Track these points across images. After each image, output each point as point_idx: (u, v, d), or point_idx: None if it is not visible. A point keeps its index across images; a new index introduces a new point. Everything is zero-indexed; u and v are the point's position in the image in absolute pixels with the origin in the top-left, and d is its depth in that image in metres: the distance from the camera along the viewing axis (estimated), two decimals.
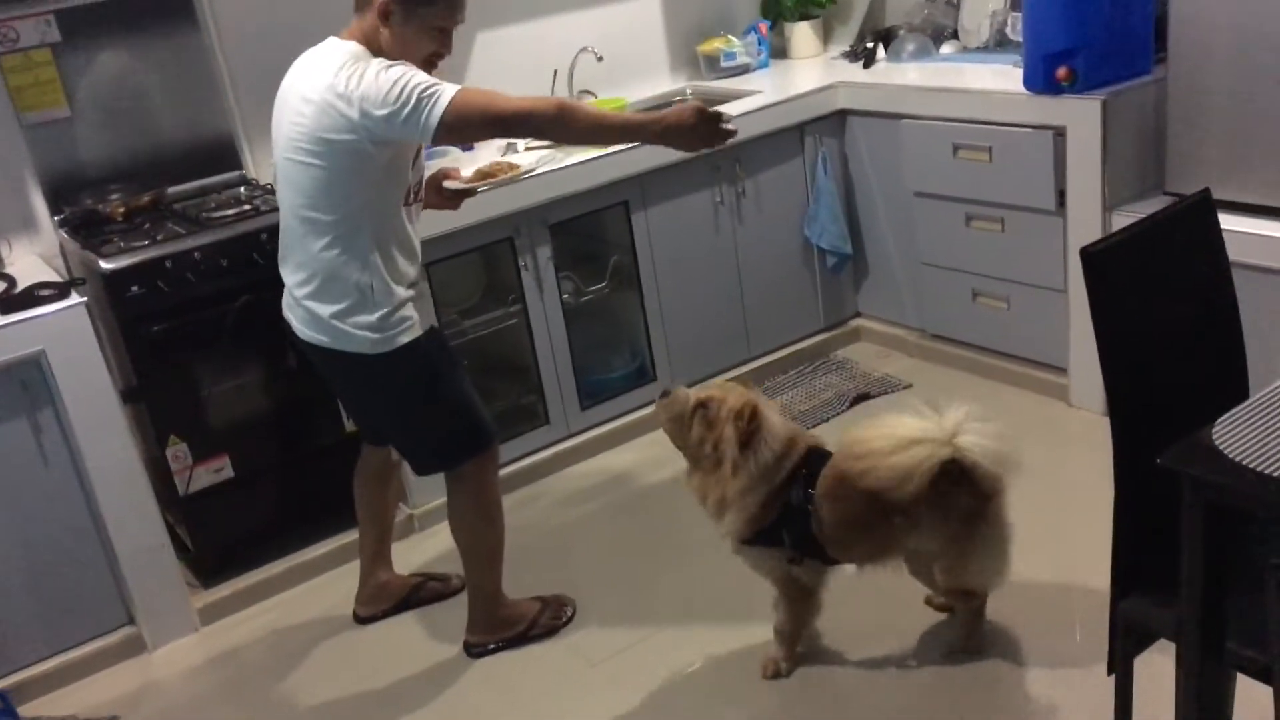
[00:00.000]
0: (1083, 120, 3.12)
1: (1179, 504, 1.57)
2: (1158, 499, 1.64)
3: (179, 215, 3.22)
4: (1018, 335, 3.60)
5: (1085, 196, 3.19)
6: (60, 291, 2.81)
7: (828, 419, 3.65)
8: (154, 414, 3.02)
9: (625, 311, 3.79)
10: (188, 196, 3.38)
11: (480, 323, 3.54)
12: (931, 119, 3.56)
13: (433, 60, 2.44)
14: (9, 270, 3.01)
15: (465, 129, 2.34)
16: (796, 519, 2.39)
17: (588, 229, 3.66)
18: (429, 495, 3.30)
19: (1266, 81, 2.75)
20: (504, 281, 3.56)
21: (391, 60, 2.33)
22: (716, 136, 2.51)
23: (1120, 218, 3.11)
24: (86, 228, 3.16)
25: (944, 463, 2.20)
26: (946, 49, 3.93)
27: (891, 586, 2.52)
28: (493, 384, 3.66)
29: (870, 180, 3.94)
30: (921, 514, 2.29)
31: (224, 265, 3.00)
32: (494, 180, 2.94)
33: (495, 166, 3.10)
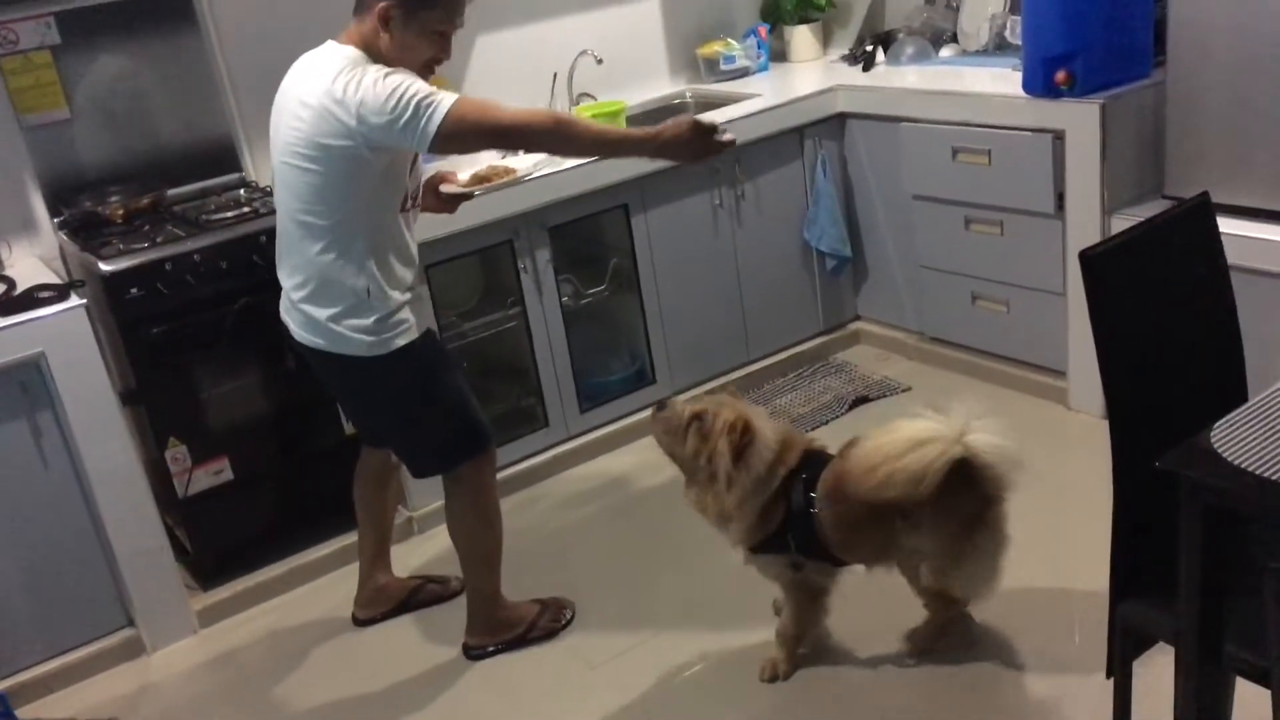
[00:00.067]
0: (1082, 124, 3.12)
1: (1178, 507, 1.58)
2: (1156, 502, 1.64)
3: (178, 217, 3.22)
4: (1017, 338, 3.60)
5: (1084, 200, 3.19)
6: (60, 293, 2.81)
7: (827, 422, 3.65)
8: (153, 416, 3.02)
9: (625, 314, 3.79)
10: (187, 199, 3.38)
11: (480, 325, 3.54)
12: (931, 122, 3.56)
13: (432, 64, 2.44)
14: (8, 272, 3.01)
15: (462, 139, 2.34)
16: (800, 523, 2.39)
17: (587, 232, 3.66)
18: (428, 498, 3.30)
19: (1265, 85, 2.75)
20: (503, 284, 3.56)
21: (390, 65, 2.34)
22: (713, 148, 2.52)
23: (1119, 221, 3.11)
24: (86, 230, 3.16)
25: (952, 463, 2.19)
26: (946, 52, 3.94)
27: (891, 587, 2.52)
28: (492, 386, 3.67)
29: (869, 183, 3.95)
30: (924, 514, 2.28)
31: (223, 267, 3.00)
32: (490, 184, 2.94)
33: (492, 170, 3.09)
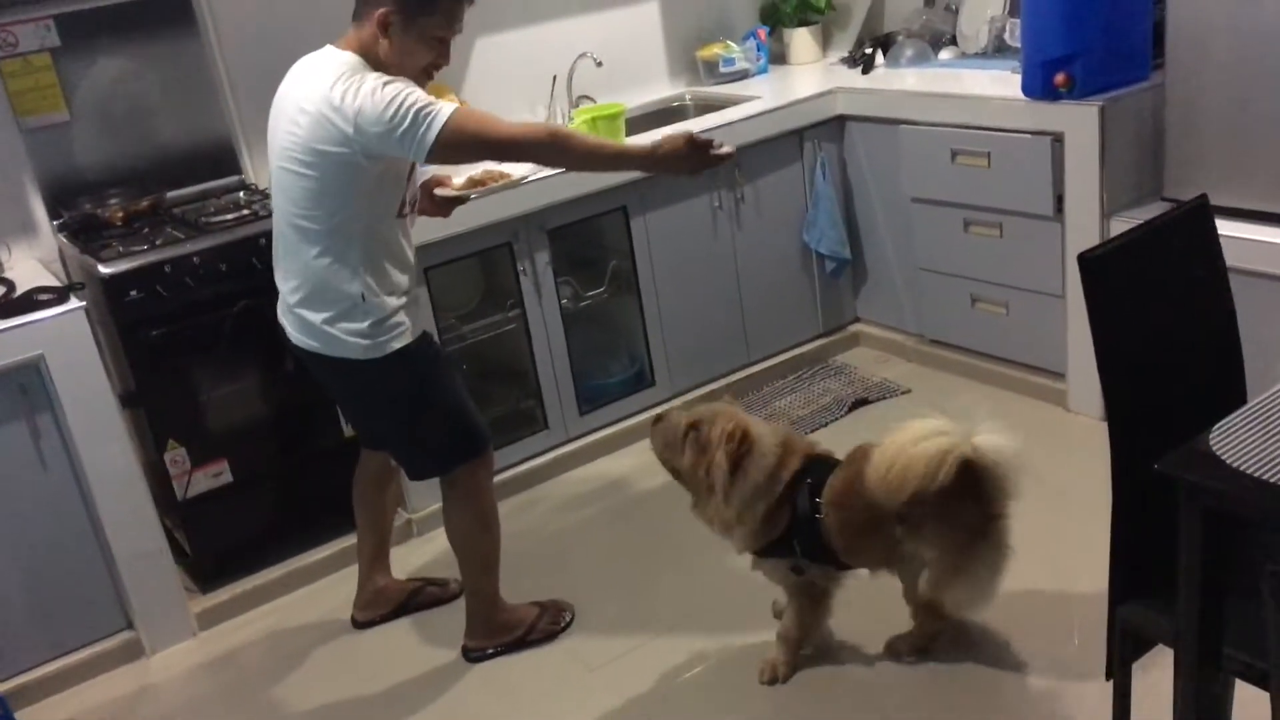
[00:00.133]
0: (1081, 126, 3.12)
1: (1177, 510, 1.57)
2: (1156, 504, 1.64)
3: (178, 220, 3.22)
4: (1016, 340, 3.60)
5: (1083, 202, 3.19)
6: (59, 296, 2.81)
7: (826, 424, 3.65)
8: (152, 418, 3.02)
9: (624, 316, 3.79)
10: (187, 201, 3.38)
11: (479, 328, 3.54)
12: (930, 125, 3.56)
13: (431, 70, 2.44)
14: (8, 275, 3.01)
15: (459, 150, 2.34)
16: (805, 528, 2.40)
17: (586, 234, 3.66)
18: (428, 500, 3.29)
19: (1264, 87, 2.75)
20: (503, 286, 3.56)
21: (389, 71, 2.34)
22: (709, 161, 2.53)
23: (1118, 223, 3.11)
24: (85, 232, 3.16)
25: (962, 461, 2.20)
26: (945, 55, 3.94)
27: (892, 589, 2.52)
28: (491, 389, 3.67)
29: (869, 186, 3.95)
30: (928, 522, 2.29)
31: (223, 270, 3.00)
32: (485, 187, 2.94)
33: (487, 174, 3.10)
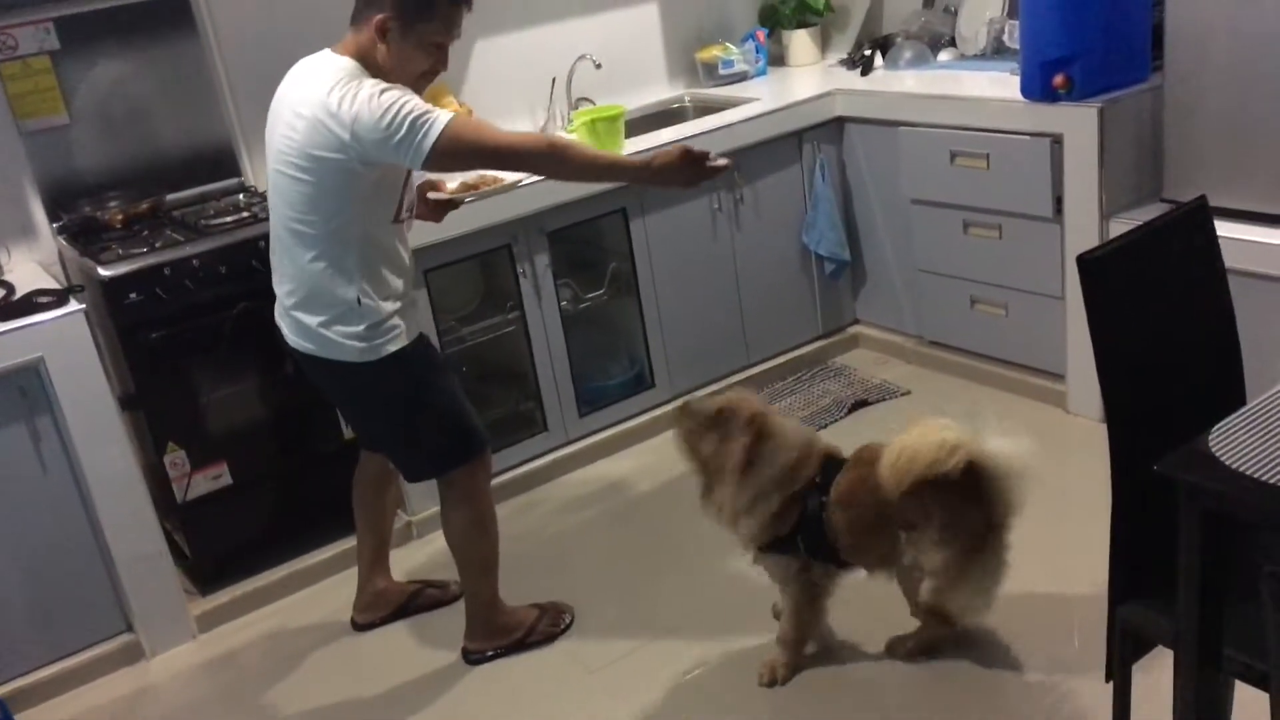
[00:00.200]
0: (1080, 127, 3.12)
1: (1176, 511, 1.58)
2: (1155, 505, 1.64)
3: (178, 222, 3.22)
4: (1015, 342, 3.60)
5: (1082, 203, 3.19)
6: (59, 299, 2.81)
7: (826, 425, 3.65)
8: (152, 421, 3.02)
9: (624, 318, 3.79)
10: (186, 204, 3.38)
11: (479, 330, 3.54)
12: (929, 126, 3.56)
13: (429, 75, 2.44)
14: (8, 277, 3.01)
15: (456, 158, 2.35)
16: (812, 525, 2.40)
17: (586, 236, 3.66)
18: (427, 502, 3.29)
19: (1263, 88, 2.75)
20: (502, 288, 3.56)
21: (387, 76, 2.34)
22: (705, 174, 2.54)
23: (1117, 225, 3.11)
24: (85, 235, 3.16)
25: (963, 476, 2.22)
26: (944, 56, 3.94)
27: (891, 591, 2.52)
28: (491, 391, 3.67)
29: (868, 187, 3.95)
30: (930, 526, 2.30)
31: (222, 272, 3.00)
32: (478, 191, 2.94)
33: (480, 178, 3.09)
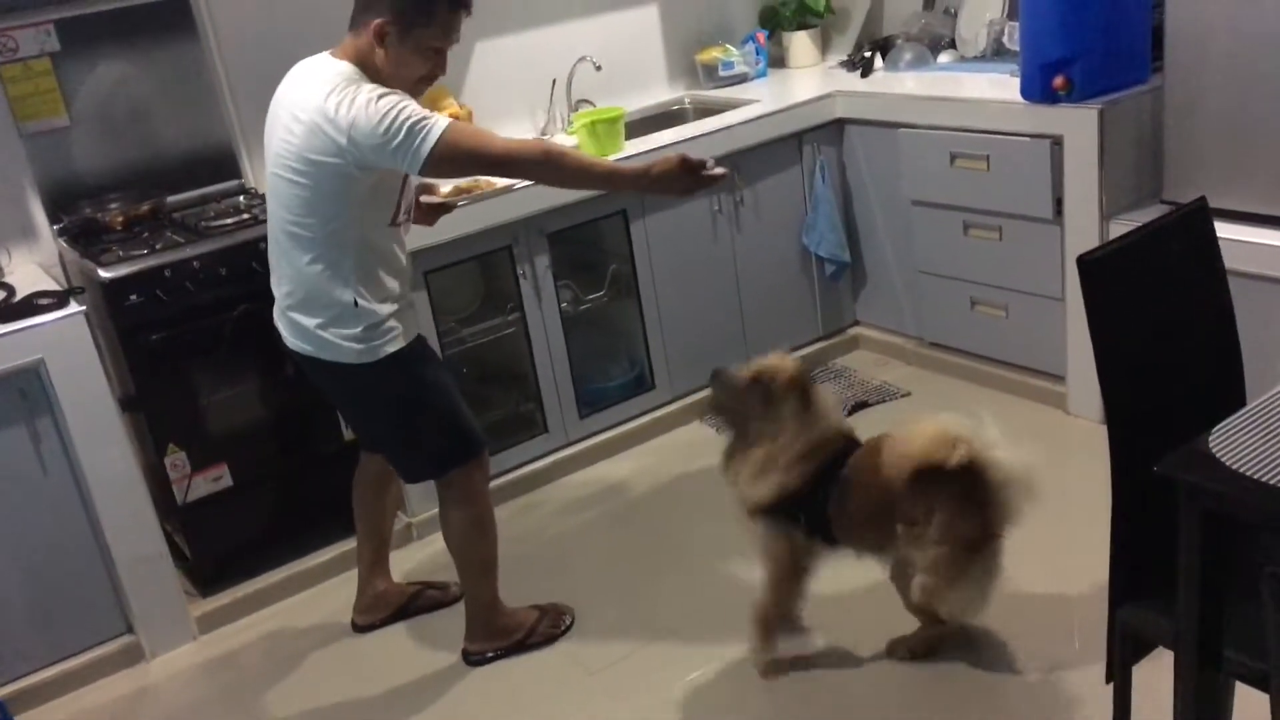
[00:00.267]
0: (1080, 129, 3.12)
1: (1177, 511, 1.58)
2: (1155, 506, 1.64)
3: (178, 224, 3.22)
4: (1016, 343, 3.60)
5: (1082, 205, 3.20)
6: (59, 300, 2.81)
7: None
8: (152, 423, 3.02)
9: (624, 320, 3.79)
10: (187, 205, 3.38)
11: (479, 331, 3.54)
12: (929, 128, 3.56)
13: (427, 80, 2.44)
14: (8, 279, 3.01)
15: (453, 164, 2.35)
16: (820, 500, 2.40)
17: (586, 238, 3.66)
18: (427, 504, 3.29)
19: (1263, 89, 2.75)
20: (503, 290, 3.56)
21: (385, 81, 2.35)
22: (703, 182, 2.54)
23: (1117, 226, 3.11)
24: (86, 237, 3.16)
25: (966, 478, 2.23)
26: (944, 58, 3.94)
27: (891, 593, 2.52)
28: (491, 392, 3.67)
29: (868, 189, 3.95)
30: (928, 525, 2.30)
31: (223, 274, 3.00)
32: (472, 195, 2.94)
33: (473, 182, 3.10)
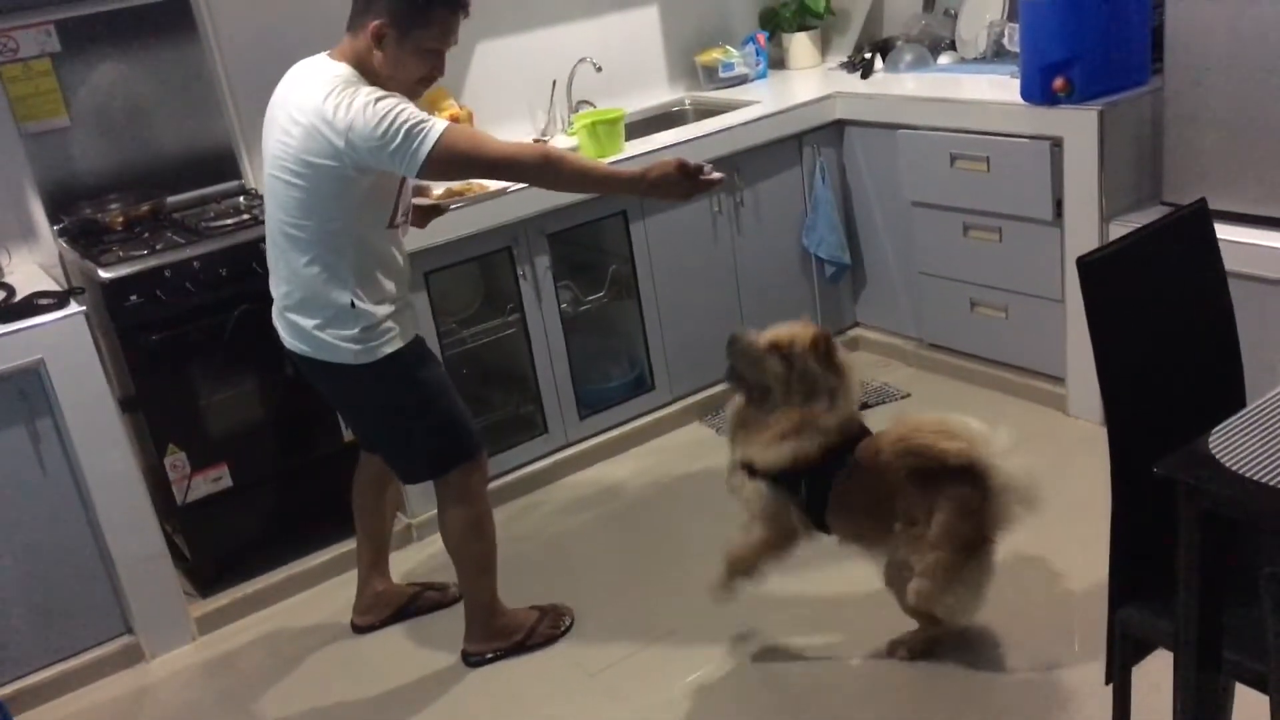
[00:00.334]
0: (1080, 130, 3.12)
1: (1176, 513, 1.58)
2: (1155, 508, 1.64)
3: (178, 225, 3.22)
4: (1016, 345, 3.60)
5: (1082, 206, 3.20)
6: (59, 300, 2.81)
7: None
8: (152, 423, 3.02)
9: (624, 321, 3.79)
10: (187, 206, 3.38)
11: (479, 332, 3.54)
12: (929, 129, 3.57)
13: (425, 81, 2.44)
14: (8, 279, 3.01)
15: (451, 166, 2.35)
16: (824, 478, 2.41)
17: (586, 239, 3.66)
18: (427, 505, 3.29)
19: (1263, 91, 2.76)
20: (503, 291, 3.56)
21: (383, 82, 2.35)
22: (700, 186, 2.55)
23: (1117, 227, 3.11)
24: (86, 237, 3.16)
25: (966, 485, 2.24)
26: (944, 60, 3.95)
27: (890, 595, 2.52)
28: (491, 393, 3.67)
29: (868, 190, 3.95)
30: (928, 528, 2.31)
31: (223, 275, 3.00)
32: (464, 198, 2.94)
33: (466, 185, 3.09)
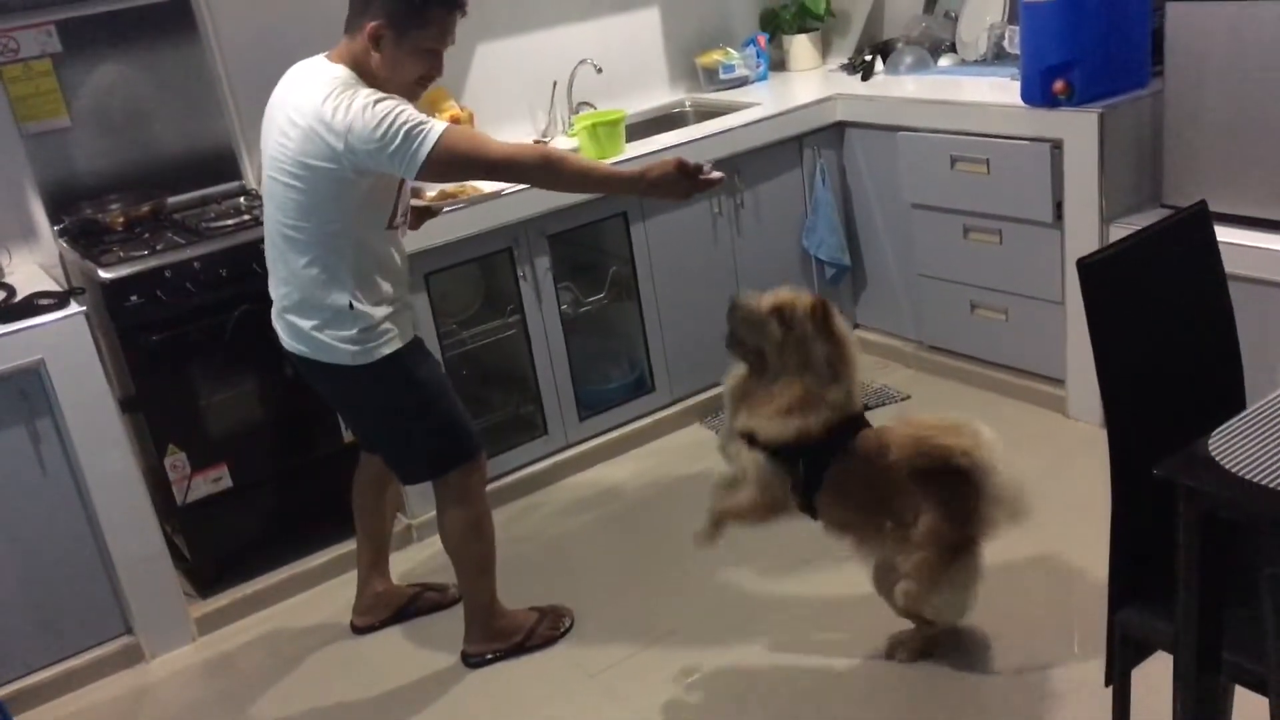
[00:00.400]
0: (1080, 133, 3.13)
1: (1176, 515, 1.58)
2: (1155, 510, 1.65)
3: (178, 225, 3.22)
4: (1015, 347, 3.60)
5: (1082, 208, 3.20)
6: (59, 301, 2.81)
7: None
8: (152, 423, 3.02)
9: (624, 322, 3.79)
10: (187, 206, 3.38)
11: (479, 333, 3.54)
12: (929, 131, 3.57)
13: (423, 82, 2.45)
14: (8, 279, 3.01)
15: (450, 168, 2.35)
16: (822, 460, 2.39)
17: (586, 240, 3.66)
18: (427, 505, 3.29)
19: (1262, 94, 2.76)
20: (503, 292, 3.56)
21: (381, 84, 2.35)
22: (699, 186, 2.55)
23: (1117, 230, 3.11)
24: (86, 237, 3.16)
25: (956, 486, 2.25)
26: (944, 62, 3.95)
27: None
28: (491, 394, 3.67)
29: (868, 192, 3.95)
30: (917, 529, 2.31)
31: (223, 275, 3.00)
32: (457, 199, 2.93)
33: (459, 187, 3.09)
